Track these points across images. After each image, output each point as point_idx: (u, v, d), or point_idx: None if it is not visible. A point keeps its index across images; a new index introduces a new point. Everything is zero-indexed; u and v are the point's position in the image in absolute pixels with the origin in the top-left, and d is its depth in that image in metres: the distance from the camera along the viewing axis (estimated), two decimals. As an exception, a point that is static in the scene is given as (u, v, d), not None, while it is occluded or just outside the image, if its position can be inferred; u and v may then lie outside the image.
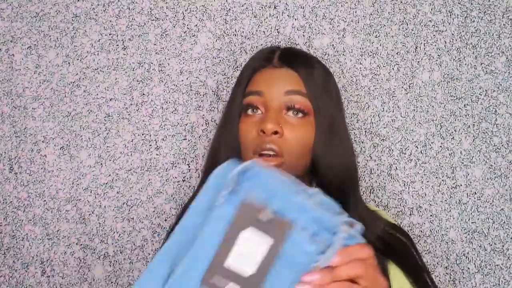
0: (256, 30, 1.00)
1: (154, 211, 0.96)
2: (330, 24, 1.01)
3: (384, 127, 1.00)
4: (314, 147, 0.70)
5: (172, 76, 0.99)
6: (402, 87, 1.01)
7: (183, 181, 0.97)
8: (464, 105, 1.01)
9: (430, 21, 1.02)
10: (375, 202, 0.99)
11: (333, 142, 0.71)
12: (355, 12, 1.01)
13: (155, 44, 0.99)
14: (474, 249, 0.98)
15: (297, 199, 0.49)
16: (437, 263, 0.98)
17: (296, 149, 0.68)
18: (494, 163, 1.01)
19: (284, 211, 0.48)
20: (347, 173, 0.73)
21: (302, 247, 0.47)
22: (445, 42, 1.02)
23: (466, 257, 0.98)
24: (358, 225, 0.50)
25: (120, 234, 0.95)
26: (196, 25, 1.00)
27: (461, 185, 1.00)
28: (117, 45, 0.98)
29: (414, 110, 1.00)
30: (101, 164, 0.96)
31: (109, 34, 0.98)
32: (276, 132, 0.67)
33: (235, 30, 1.00)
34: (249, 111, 0.71)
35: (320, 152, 0.70)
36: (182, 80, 0.99)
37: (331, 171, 0.72)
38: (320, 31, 1.01)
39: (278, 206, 0.49)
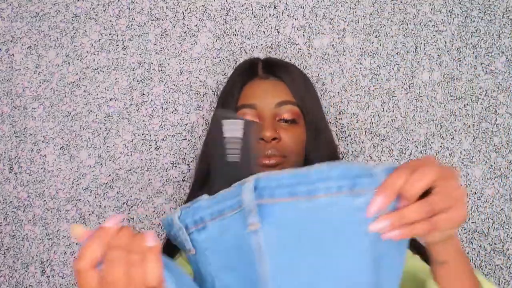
0: (256, 30, 1.00)
1: (154, 211, 0.96)
2: (330, 24, 1.01)
3: (384, 127, 1.00)
4: (307, 144, 0.79)
5: (172, 76, 0.99)
6: (402, 87, 1.01)
7: (183, 181, 0.97)
8: (464, 105, 1.01)
9: (430, 21, 1.02)
10: (375, 202, 0.99)
11: (320, 137, 0.81)
12: (355, 12, 1.01)
13: (155, 44, 0.99)
14: (474, 249, 0.98)
15: (313, 174, 0.43)
16: (437, 263, 0.98)
17: (293, 149, 0.77)
18: (494, 163, 1.01)
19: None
20: (333, 159, 0.81)
21: (348, 208, 0.41)
22: (445, 42, 1.02)
23: (466, 257, 0.98)
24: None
25: (120, 234, 0.95)
26: (196, 25, 1.00)
27: (461, 185, 1.00)
28: (117, 45, 0.98)
29: (414, 110, 1.00)
30: (101, 164, 0.96)
31: (109, 34, 0.98)
32: (274, 138, 0.74)
33: (235, 30, 1.00)
34: None
35: (311, 147, 0.79)
36: (182, 80, 0.99)
37: (321, 161, 0.79)
38: (320, 31, 1.01)
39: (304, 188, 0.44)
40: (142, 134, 0.97)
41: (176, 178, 0.97)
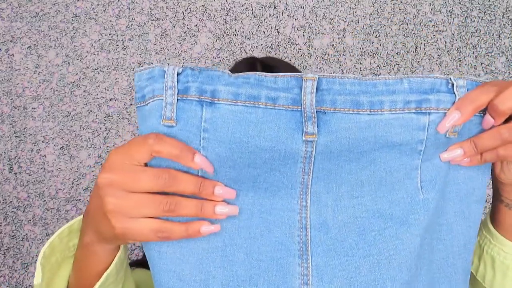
0: (256, 30, 1.00)
1: (154, 211, 0.96)
2: (330, 24, 1.01)
3: (384, 127, 1.00)
4: None
5: (172, 76, 0.99)
6: (402, 87, 1.01)
7: (183, 181, 0.97)
8: (464, 105, 1.01)
9: (430, 21, 1.02)
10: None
11: None
12: (355, 12, 1.01)
13: (155, 44, 0.99)
14: (474, 249, 0.98)
15: (380, 85, 0.39)
16: (437, 263, 0.98)
17: None
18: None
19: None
20: None
21: (410, 126, 0.38)
22: (445, 42, 1.02)
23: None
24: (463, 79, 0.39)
25: (120, 234, 0.95)
26: (196, 25, 1.00)
27: None
28: (117, 45, 0.98)
29: (414, 110, 1.00)
30: (101, 164, 0.96)
31: (109, 34, 0.98)
32: None
33: (235, 30, 1.00)
34: None
35: None
36: (182, 80, 0.99)
37: None
38: (320, 31, 1.01)
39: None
40: (142, 134, 0.97)
41: (176, 178, 0.97)
